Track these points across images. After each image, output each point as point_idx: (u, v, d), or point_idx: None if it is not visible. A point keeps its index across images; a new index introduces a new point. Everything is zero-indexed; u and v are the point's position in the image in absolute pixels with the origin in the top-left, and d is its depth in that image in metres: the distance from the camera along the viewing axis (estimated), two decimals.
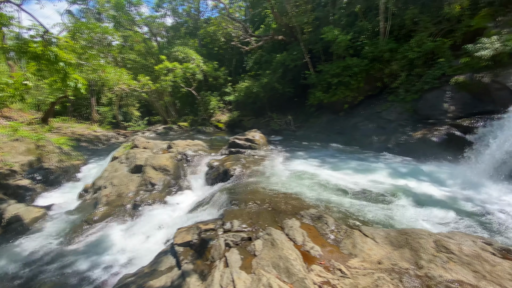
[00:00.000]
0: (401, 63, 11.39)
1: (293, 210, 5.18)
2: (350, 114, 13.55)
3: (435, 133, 9.03)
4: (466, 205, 5.57)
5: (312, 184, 6.88)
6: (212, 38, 23.89)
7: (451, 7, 10.55)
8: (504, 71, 8.13)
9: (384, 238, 3.54)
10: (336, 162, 9.04)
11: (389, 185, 6.71)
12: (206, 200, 6.88)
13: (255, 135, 11.06)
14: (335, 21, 14.46)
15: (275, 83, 16.69)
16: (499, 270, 2.44)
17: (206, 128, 19.92)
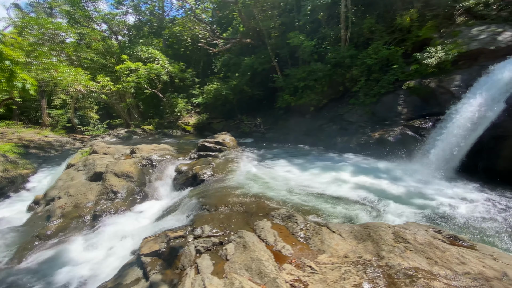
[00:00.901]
0: (360, 68, 12.22)
1: (264, 211, 5.23)
2: (316, 116, 14.15)
3: (391, 133, 9.83)
4: (418, 198, 6.15)
5: (282, 185, 7.03)
6: (178, 39, 23.24)
7: (402, 19, 11.64)
8: (448, 77, 9.17)
9: (349, 232, 3.75)
10: (303, 163, 9.35)
11: (352, 182, 7.14)
12: (175, 206, 6.64)
13: (225, 138, 10.97)
14: (300, 27, 15.03)
15: (244, 85, 16.78)
16: (449, 255, 2.73)
17: (173, 131, 19.24)
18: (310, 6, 14.16)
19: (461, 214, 5.27)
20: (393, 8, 12.69)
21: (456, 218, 5.12)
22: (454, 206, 5.62)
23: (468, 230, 4.67)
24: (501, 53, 8.24)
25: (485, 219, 5.02)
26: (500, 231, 4.60)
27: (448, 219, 5.14)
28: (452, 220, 5.08)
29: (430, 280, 2.43)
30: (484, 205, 5.58)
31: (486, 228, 4.72)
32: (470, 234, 4.55)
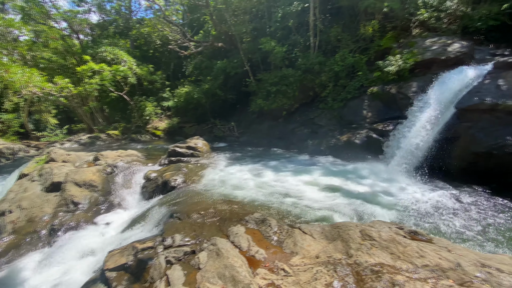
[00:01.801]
0: (328, 75, 12.78)
1: (238, 217, 5.18)
2: (288, 120, 14.47)
3: (358, 136, 10.39)
4: (383, 196, 6.54)
5: (256, 189, 7.05)
6: (147, 40, 22.38)
7: (365, 29, 12.45)
8: (406, 83, 9.95)
9: (320, 233, 3.86)
10: (277, 166, 9.48)
11: (323, 184, 7.39)
12: (144, 216, 6.32)
13: (197, 143, 10.74)
14: (272, 33, 15.35)
15: (217, 89, 16.63)
16: (410, 250, 2.93)
17: (142, 136, 18.36)
18: (280, 13, 14.54)
19: (420, 210, 5.70)
20: (357, 19, 13.53)
21: (416, 214, 5.53)
22: (414, 203, 6.08)
23: (426, 225, 5.07)
24: (451, 63, 9.18)
25: (440, 213, 5.49)
26: (453, 224, 5.06)
27: (408, 215, 5.53)
28: (413, 215, 5.48)
29: (394, 274, 2.58)
30: (439, 201, 6.11)
31: (441, 222, 5.16)
32: (428, 228, 4.94)
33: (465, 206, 5.79)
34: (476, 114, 7.20)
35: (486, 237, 4.58)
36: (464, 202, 5.96)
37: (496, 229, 4.83)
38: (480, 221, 5.11)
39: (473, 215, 5.36)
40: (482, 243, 4.39)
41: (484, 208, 5.66)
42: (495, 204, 5.82)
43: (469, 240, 4.51)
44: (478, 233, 4.73)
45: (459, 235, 4.70)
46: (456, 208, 5.73)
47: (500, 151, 6.43)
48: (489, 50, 10.04)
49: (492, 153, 6.56)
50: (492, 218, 5.21)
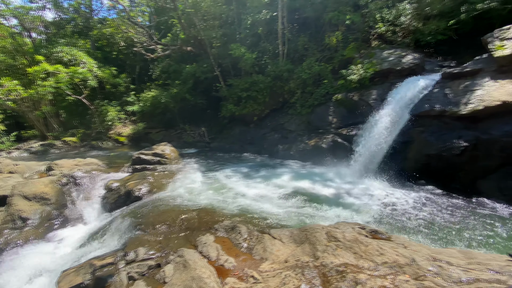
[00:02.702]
0: (296, 82, 13.21)
1: (207, 225, 5.05)
2: (259, 125, 14.62)
3: (324, 140, 10.83)
4: (347, 197, 6.86)
5: (227, 195, 6.95)
6: (110, 41, 21.17)
7: (330, 39, 13.13)
8: (367, 91, 10.65)
9: (289, 237, 3.90)
10: (248, 171, 9.47)
11: (292, 188, 7.54)
12: (104, 229, 5.88)
13: (165, 149, 10.31)
14: (242, 39, 15.48)
15: (186, 94, 16.23)
16: (371, 249, 3.08)
17: (103, 143, 17.15)
18: (250, 21, 14.75)
19: (380, 209, 6.08)
20: (323, 29, 14.23)
21: (377, 213, 5.88)
22: (375, 203, 6.46)
23: (386, 223, 5.40)
24: (405, 73, 10.05)
25: (398, 212, 5.90)
26: (409, 221, 5.47)
27: (370, 214, 5.86)
28: (374, 215, 5.82)
29: (357, 273, 2.69)
30: (397, 200, 6.57)
31: (399, 220, 5.54)
32: (388, 226, 5.27)
33: (420, 204, 6.30)
34: (427, 120, 7.93)
35: (438, 232, 5.02)
36: (419, 201, 6.48)
37: (447, 224, 5.31)
38: (433, 218, 5.59)
39: (427, 213, 5.84)
40: (435, 238, 4.80)
41: (436, 205, 6.20)
42: (446, 202, 6.42)
43: (423, 235, 4.89)
44: (432, 229, 5.16)
45: (414, 231, 5.08)
46: (412, 206, 6.20)
47: (448, 153, 7.14)
48: (437, 62, 11.18)
49: (442, 155, 7.26)
50: (444, 214, 5.73)
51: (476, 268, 2.49)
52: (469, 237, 4.75)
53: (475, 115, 6.88)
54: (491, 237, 4.74)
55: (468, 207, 6.04)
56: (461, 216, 5.58)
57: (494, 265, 2.51)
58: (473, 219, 5.44)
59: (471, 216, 5.56)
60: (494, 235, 4.80)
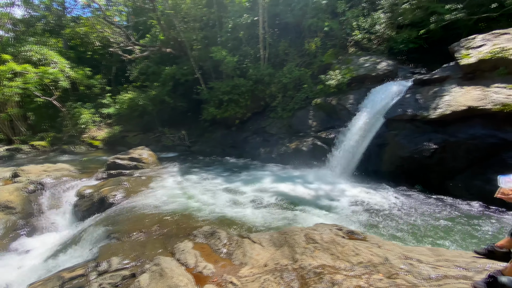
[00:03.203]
0: (277, 86, 13.37)
1: (185, 231, 4.92)
2: (241, 129, 14.59)
3: (305, 143, 11.01)
4: (326, 199, 7.00)
5: (207, 200, 6.82)
6: (84, 41, 20.24)
7: (309, 45, 13.46)
8: (344, 96, 11.00)
9: (269, 241, 3.89)
10: (229, 175, 9.39)
11: (273, 191, 7.57)
12: (75, 239, 5.55)
13: (142, 153, 9.96)
14: (223, 42, 15.44)
15: (165, 96, 15.84)
16: (347, 249, 3.15)
17: (76, 147, 16.25)
18: (231, 24, 14.76)
19: (357, 210, 6.25)
20: (302, 35, 14.57)
21: (354, 214, 6.04)
22: (352, 203, 6.64)
23: (362, 223, 5.56)
24: (380, 79, 10.51)
25: (373, 212, 6.10)
26: (384, 221, 5.66)
27: (348, 215, 6.01)
28: (351, 215, 5.97)
29: (334, 274, 2.72)
30: (372, 200, 6.79)
31: (374, 220, 5.73)
32: (363, 226, 5.42)
33: (394, 204, 6.56)
34: (400, 123, 8.32)
35: (410, 230, 5.24)
36: (393, 201, 6.75)
37: (419, 223, 5.56)
38: (406, 217, 5.83)
39: (400, 212, 6.09)
40: (407, 237, 5.00)
41: (409, 205, 6.49)
42: (418, 201, 6.73)
43: (396, 234, 5.09)
44: (404, 227, 5.38)
45: (389, 230, 5.27)
46: (387, 206, 6.44)
47: (419, 155, 7.52)
48: (409, 69, 11.81)
49: (414, 157, 7.63)
50: (416, 214, 6.00)
51: (444, 265, 2.62)
52: (438, 235, 5.01)
53: (444, 119, 7.32)
54: (458, 234, 5.02)
55: (438, 206, 6.38)
56: (431, 215, 5.87)
57: (461, 261, 2.65)
58: (442, 217, 5.75)
59: (441, 215, 5.87)
60: (461, 232, 5.09)
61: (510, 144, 6.29)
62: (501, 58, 7.04)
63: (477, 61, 7.46)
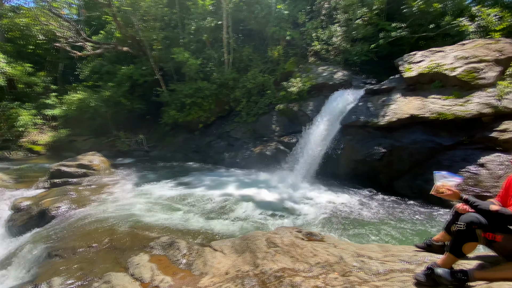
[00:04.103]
0: (242, 91, 13.46)
1: (141, 244, 4.59)
2: (205, 133, 14.29)
3: (268, 148, 11.22)
4: (288, 202, 7.17)
5: (166, 208, 6.48)
6: (24, 33, 17.98)
7: (272, 52, 13.84)
8: (305, 103, 11.51)
9: (231, 248, 3.82)
10: (192, 181, 9.08)
11: (237, 196, 7.52)
12: (9, 259, 4.83)
13: (93, 159, 9.12)
14: (186, 44, 15.04)
15: (121, 97, 14.78)
16: (306, 251, 3.24)
17: (12, 153, 14.20)
18: (194, 26, 14.49)
19: (316, 211, 6.52)
20: (266, 42, 14.94)
21: (313, 215, 6.29)
22: (312, 205, 6.92)
23: (320, 224, 5.82)
24: (336, 87, 11.22)
25: (331, 212, 6.43)
26: (340, 221, 6.00)
27: (308, 217, 6.24)
28: (311, 217, 6.21)
29: (293, 276, 2.77)
30: (330, 201, 7.16)
31: (331, 220, 6.03)
32: (322, 227, 5.68)
33: (350, 204, 7.00)
34: (354, 129, 8.98)
35: (363, 228, 5.63)
36: (349, 201, 7.20)
37: (370, 221, 6.01)
38: (359, 216, 6.26)
39: (354, 211, 6.52)
40: (361, 234, 5.37)
41: (362, 204, 6.98)
42: (370, 201, 7.28)
43: (351, 233, 5.43)
44: (358, 226, 5.77)
45: (344, 229, 5.60)
46: (342, 206, 6.84)
47: (371, 158, 8.18)
48: (362, 79, 12.85)
49: (366, 159, 8.28)
50: (368, 212, 6.48)
51: (390, 260, 2.85)
52: (386, 232, 5.47)
53: (390, 126, 8.10)
54: (402, 230, 5.55)
55: (387, 205, 6.98)
56: (381, 213, 6.40)
57: (404, 256, 2.91)
58: (390, 215, 6.30)
59: (389, 213, 6.43)
60: (405, 228, 5.64)
61: (444, 148, 7.20)
62: (437, 72, 8.07)
63: (417, 75, 8.44)
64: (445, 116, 7.14)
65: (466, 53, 8.13)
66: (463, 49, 8.43)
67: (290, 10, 13.69)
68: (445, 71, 7.90)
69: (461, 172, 6.43)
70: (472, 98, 7.14)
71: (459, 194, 2.27)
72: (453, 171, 6.33)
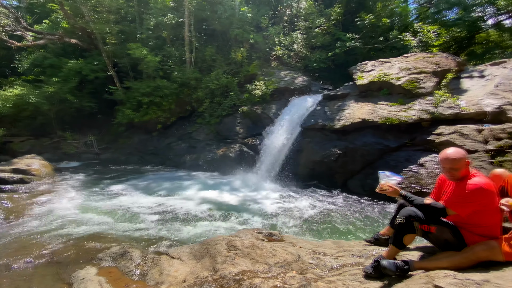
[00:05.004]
0: (205, 91, 13.18)
1: (88, 256, 4.17)
2: (164, 134, 13.63)
3: (232, 150, 11.15)
4: (251, 204, 7.20)
5: (118, 216, 6.00)
6: None
7: (236, 54, 13.84)
8: (268, 105, 11.73)
9: (189, 254, 3.67)
10: (148, 185, 8.56)
11: (198, 200, 7.30)
12: None
13: (32, 163, 8.04)
14: (144, 40, 14.23)
15: (67, 94, 13.33)
16: (265, 252, 3.26)
17: None
18: (153, 22, 13.78)
19: (278, 211, 6.65)
20: (229, 44, 14.89)
21: (274, 216, 6.41)
22: (274, 206, 7.04)
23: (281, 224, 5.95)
24: (297, 92, 11.70)
25: (291, 212, 6.62)
26: (300, 219, 6.21)
27: (270, 217, 6.33)
28: (272, 218, 6.31)
29: (252, 278, 2.76)
30: (291, 201, 7.38)
31: (292, 219, 6.21)
32: (282, 227, 5.81)
33: (309, 203, 7.28)
34: (313, 132, 9.42)
35: (320, 226, 5.90)
36: (308, 200, 7.49)
37: (327, 219, 6.32)
38: (317, 214, 6.55)
39: (312, 210, 6.79)
40: (318, 232, 5.62)
41: (320, 203, 7.32)
42: (328, 200, 7.67)
43: (309, 231, 5.65)
44: (316, 224, 6.02)
45: (303, 228, 5.80)
46: (302, 205, 7.09)
47: (328, 159, 8.65)
48: (320, 85, 13.58)
49: (323, 160, 8.73)
50: (325, 210, 6.81)
51: (343, 255, 3.02)
52: (341, 228, 5.82)
53: (345, 129, 8.68)
54: (356, 226, 5.96)
55: (342, 203, 7.43)
56: (337, 211, 6.79)
57: (355, 250, 3.12)
58: (345, 212, 6.72)
59: (344, 210, 6.85)
60: (358, 224, 6.06)
61: (391, 149, 7.94)
62: (385, 81, 8.90)
63: (368, 83, 9.21)
64: (392, 120, 7.90)
65: (409, 65, 9.13)
66: (407, 61, 9.45)
67: (253, 14, 13.87)
68: (392, 80, 8.76)
69: (404, 171, 7.16)
70: (414, 105, 8.03)
71: (398, 191, 2.50)
72: (398, 171, 7.06)
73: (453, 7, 14.72)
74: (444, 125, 7.29)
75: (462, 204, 2.20)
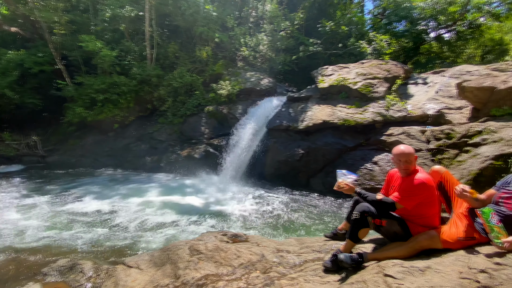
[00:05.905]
0: (167, 89, 12.60)
1: (31, 271, 3.71)
2: (122, 134, 12.72)
3: (197, 150, 10.84)
4: (216, 206, 7.08)
5: (67, 226, 5.44)
6: None
7: (200, 52, 13.50)
8: (234, 106, 11.65)
9: (149, 262, 3.45)
10: (102, 190, 7.90)
11: (159, 203, 6.95)
12: None
13: None
14: (98, 32, 13.10)
15: (5, 89, 11.69)
16: (230, 253, 3.21)
17: None
18: (109, 14, 12.77)
19: (243, 212, 6.66)
20: (194, 41, 14.47)
21: (241, 216, 6.40)
22: (240, 207, 7.02)
23: (246, 224, 5.96)
24: (263, 93, 11.83)
25: (257, 212, 6.68)
26: (264, 219, 6.29)
27: (236, 218, 6.30)
28: (239, 218, 6.29)
29: (216, 282, 2.71)
30: (257, 201, 7.43)
31: (257, 219, 6.27)
32: (248, 227, 5.83)
33: (274, 202, 7.41)
34: (278, 132, 9.63)
35: (285, 224, 6.05)
36: (273, 199, 7.63)
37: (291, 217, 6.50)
38: (281, 213, 6.70)
39: (277, 209, 6.93)
40: (283, 230, 5.75)
41: (285, 201, 7.50)
42: (292, 198, 7.89)
43: (274, 230, 5.75)
44: (280, 222, 6.16)
45: (268, 227, 5.89)
46: (268, 205, 7.19)
47: (292, 159, 8.91)
48: (285, 87, 13.95)
49: (288, 160, 8.98)
50: (289, 209, 7.00)
51: (305, 251, 3.12)
52: (305, 225, 6.03)
53: (308, 130, 9.03)
54: (317, 222, 6.23)
55: (305, 200, 7.71)
56: (300, 208, 7.03)
57: (316, 246, 3.24)
58: (308, 209, 6.99)
59: (307, 207, 7.12)
60: (320, 220, 6.35)
61: (348, 149, 8.47)
62: (343, 85, 9.47)
63: (329, 86, 9.71)
64: (349, 122, 8.44)
65: (364, 71, 9.84)
66: (362, 67, 10.18)
67: (218, 13, 13.68)
68: (349, 84, 9.36)
69: (360, 169, 7.69)
70: (368, 108, 8.68)
71: (354, 188, 2.67)
72: (355, 169, 7.56)
73: (402, 19, 16.36)
74: (394, 126, 8.00)
75: (409, 198, 2.43)
